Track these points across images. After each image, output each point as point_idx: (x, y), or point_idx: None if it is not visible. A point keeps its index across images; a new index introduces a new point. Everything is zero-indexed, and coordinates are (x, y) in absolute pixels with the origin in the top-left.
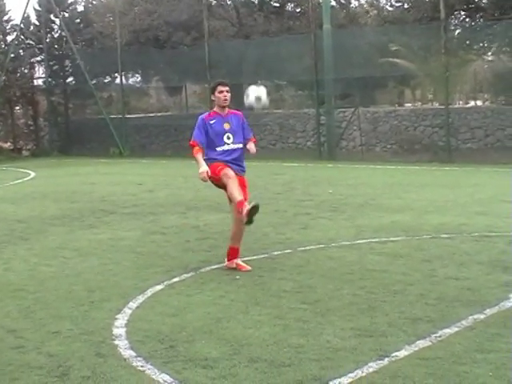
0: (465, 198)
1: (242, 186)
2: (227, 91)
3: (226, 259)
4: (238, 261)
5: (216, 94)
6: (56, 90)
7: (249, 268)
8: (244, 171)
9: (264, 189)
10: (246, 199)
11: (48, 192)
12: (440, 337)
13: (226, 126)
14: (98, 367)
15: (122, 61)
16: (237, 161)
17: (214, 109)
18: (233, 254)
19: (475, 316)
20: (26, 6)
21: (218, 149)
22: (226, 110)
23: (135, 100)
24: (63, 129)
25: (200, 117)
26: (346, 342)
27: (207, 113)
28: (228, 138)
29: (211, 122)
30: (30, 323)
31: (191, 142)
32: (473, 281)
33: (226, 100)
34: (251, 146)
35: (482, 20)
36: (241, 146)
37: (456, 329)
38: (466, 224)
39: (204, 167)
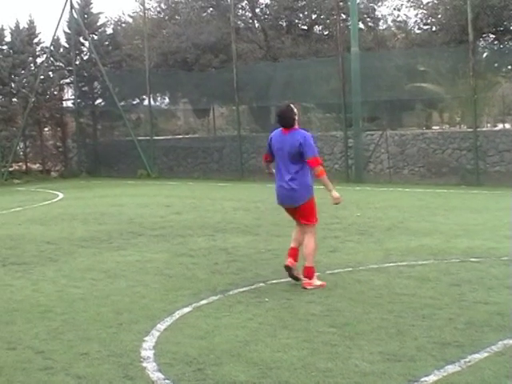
0: (493, 222)
1: None
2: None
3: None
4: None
5: (296, 110)
6: (85, 111)
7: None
8: None
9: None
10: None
11: (76, 213)
12: (469, 362)
13: None
14: None
15: (151, 83)
16: None
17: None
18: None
19: (505, 341)
20: (56, 29)
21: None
22: None
23: (163, 122)
24: (91, 150)
25: (308, 134)
26: (375, 367)
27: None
28: None
29: None
30: (58, 344)
31: (317, 159)
32: (502, 305)
33: None
34: None
35: (510, 43)
36: None
37: (486, 354)
38: (494, 248)
39: (337, 193)
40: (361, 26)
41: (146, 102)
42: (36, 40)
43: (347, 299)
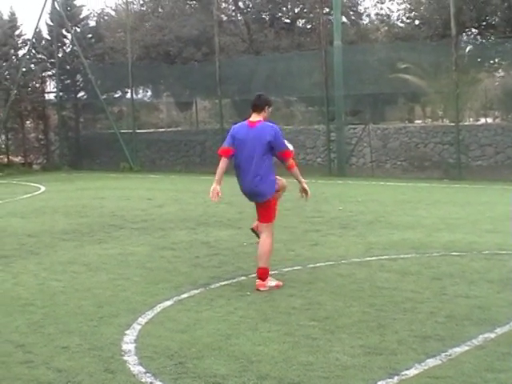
0: (475, 216)
1: None
2: None
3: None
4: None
5: (269, 109)
6: (67, 104)
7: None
8: None
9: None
10: None
11: (58, 206)
12: (450, 355)
13: None
14: (107, 383)
15: (133, 76)
16: None
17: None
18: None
19: (485, 335)
20: (38, 21)
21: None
22: None
23: (145, 115)
24: (74, 143)
25: (276, 126)
26: (356, 360)
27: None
28: None
29: None
30: (39, 338)
31: (289, 152)
32: (483, 299)
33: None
34: None
35: (492, 37)
36: None
37: (466, 347)
38: (476, 242)
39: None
40: (344, 19)
41: (128, 95)
42: (18, 32)
43: (328, 293)
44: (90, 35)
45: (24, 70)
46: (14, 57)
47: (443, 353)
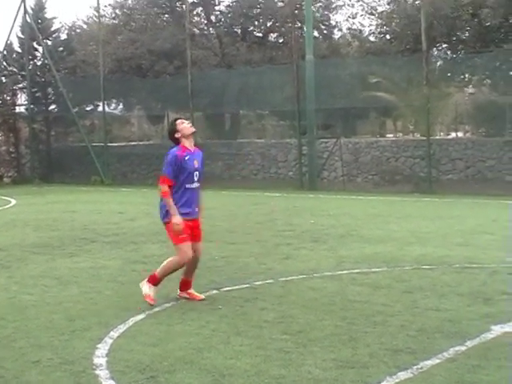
0: (446, 230)
1: (197, 228)
2: (188, 121)
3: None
4: (191, 290)
5: (179, 127)
6: (38, 117)
7: (202, 297)
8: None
9: (245, 218)
10: (199, 240)
11: (29, 220)
12: (421, 368)
13: (196, 163)
14: None
15: (105, 89)
16: (197, 202)
17: (183, 143)
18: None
19: (456, 348)
20: (9, 33)
21: (188, 185)
22: (193, 144)
23: (117, 128)
24: (45, 156)
25: (173, 153)
26: (328, 373)
27: (179, 148)
28: (196, 175)
29: (186, 158)
30: (9, 352)
31: (163, 178)
32: (454, 312)
33: (191, 127)
34: None
35: (463, 52)
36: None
37: (437, 360)
38: (447, 255)
39: (179, 218)
40: (316, 33)
41: (100, 108)
42: None
43: (300, 306)
44: (61, 48)
45: None
46: None
47: (414, 366)
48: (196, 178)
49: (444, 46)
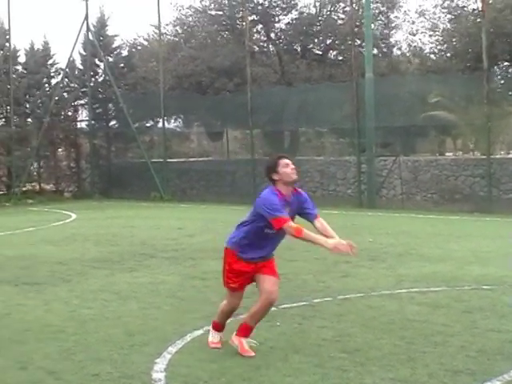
0: (506, 249)
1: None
2: (292, 163)
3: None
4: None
5: (281, 169)
6: (99, 133)
7: (252, 354)
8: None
9: None
10: (276, 276)
11: (89, 234)
12: None
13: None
14: None
15: (165, 105)
16: (274, 246)
17: (279, 187)
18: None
19: None
20: (72, 51)
21: (268, 231)
22: (291, 188)
23: (177, 144)
24: (105, 172)
25: (268, 194)
26: None
27: (273, 192)
28: None
29: None
30: (69, 365)
31: (280, 218)
32: None
33: (293, 172)
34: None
35: None
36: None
37: (498, 382)
38: (507, 276)
39: (333, 241)
40: (375, 51)
41: (159, 125)
42: (51, 61)
43: (359, 325)
44: (122, 64)
45: (57, 98)
46: (46, 85)
47: None
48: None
49: (505, 64)
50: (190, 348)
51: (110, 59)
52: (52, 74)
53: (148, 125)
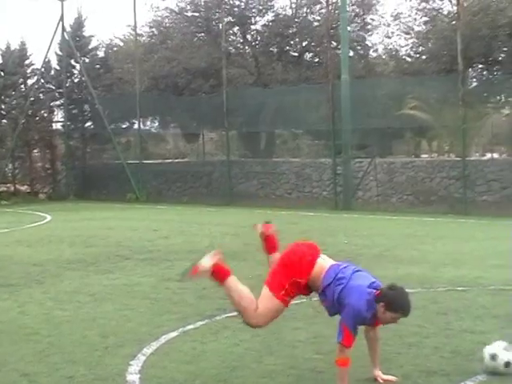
0: (481, 251)
1: None
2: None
3: None
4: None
5: (391, 314)
6: (74, 134)
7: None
8: None
9: (279, 237)
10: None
11: (64, 236)
12: None
13: None
14: None
15: (141, 107)
16: None
17: (376, 315)
18: None
19: None
20: (48, 51)
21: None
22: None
23: (153, 146)
24: (80, 173)
25: (361, 310)
26: None
27: (370, 306)
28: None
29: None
30: (44, 367)
31: (350, 342)
32: (488, 335)
33: (391, 322)
34: None
35: (499, 73)
36: None
37: (471, 383)
38: (481, 277)
39: None
40: (351, 53)
41: (135, 126)
42: (27, 62)
43: (333, 326)
44: (98, 66)
45: (32, 99)
46: (22, 86)
47: None
48: None
49: (480, 66)
50: (164, 350)
51: (86, 60)
52: (28, 75)
53: (124, 126)
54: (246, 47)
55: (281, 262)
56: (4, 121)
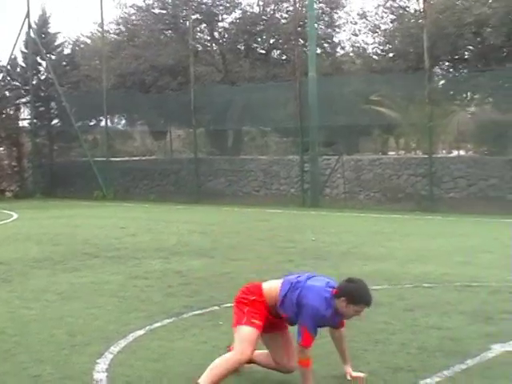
0: (447, 248)
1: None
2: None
3: None
4: None
5: (354, 307)
6: (41, 131)
7: None
8: None
9: (247, 235)
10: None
11: (31, 234)
12: None
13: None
14: None
15: (108, 104)
16: None
17: (336, 307)
18: None
19: (456, 366)
20: (13, 48)
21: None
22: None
23: (120, 143)
24: (47, 171)
25: (320, 308)
26: None
27: (328, 304)
28: None
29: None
30: (10, 366)
31: (309, 342)
32: (454, 331)
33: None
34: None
35: (465, 71)
36: None
37: (437, 379)
38: (448, 273)
39: None
40: (318, 51)
41: (102, 123)
42: None
43: None
44: (64, 63)
45: None
46: None
47: None
48: None
49: (447, 64)
50: (132, 348)
51: (53, 57)
52: None
53: (91, 124)
54: (214, 44)
55: (235, 305)
56: None
